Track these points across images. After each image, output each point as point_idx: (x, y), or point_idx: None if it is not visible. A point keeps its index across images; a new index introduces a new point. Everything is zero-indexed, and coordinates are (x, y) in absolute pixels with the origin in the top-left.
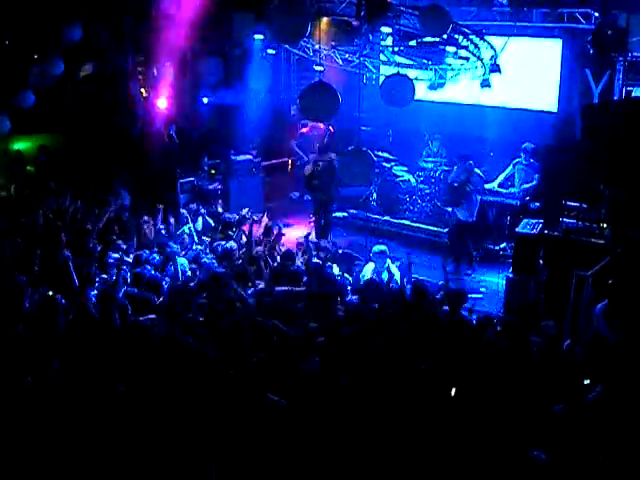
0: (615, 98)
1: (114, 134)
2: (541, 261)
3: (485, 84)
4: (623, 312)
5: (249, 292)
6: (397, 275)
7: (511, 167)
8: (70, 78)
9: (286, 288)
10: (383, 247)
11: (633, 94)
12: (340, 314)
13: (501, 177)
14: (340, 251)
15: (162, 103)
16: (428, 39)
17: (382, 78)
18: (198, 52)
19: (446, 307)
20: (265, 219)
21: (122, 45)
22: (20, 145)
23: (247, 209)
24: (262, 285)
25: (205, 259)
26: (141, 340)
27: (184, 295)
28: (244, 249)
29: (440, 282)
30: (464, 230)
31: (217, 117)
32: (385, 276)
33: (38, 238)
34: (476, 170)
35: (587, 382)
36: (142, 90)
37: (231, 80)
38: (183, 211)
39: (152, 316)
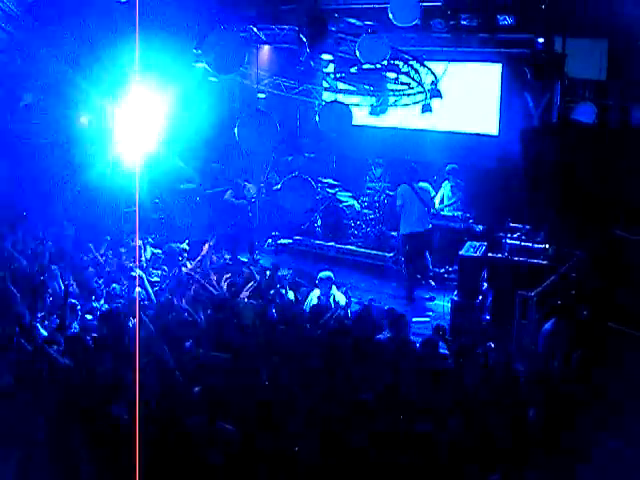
0: (554, 121)
1: (57, 164)
2: (485, 283)
3: (426, 109)
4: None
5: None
6: (342, 301)
7: (442, 189)
8: (10, 107)
9: None
10: (329, 273)
11: (571, 116)
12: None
13: (437, 201)
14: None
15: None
16: (368, 65)
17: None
18: None
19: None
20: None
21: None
22: None
23: (187, 241)
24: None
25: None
26: None
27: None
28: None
29: (386, 306)
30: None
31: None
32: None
33: None
34: (422, 184)
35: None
36: (84, 119)
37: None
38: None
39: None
